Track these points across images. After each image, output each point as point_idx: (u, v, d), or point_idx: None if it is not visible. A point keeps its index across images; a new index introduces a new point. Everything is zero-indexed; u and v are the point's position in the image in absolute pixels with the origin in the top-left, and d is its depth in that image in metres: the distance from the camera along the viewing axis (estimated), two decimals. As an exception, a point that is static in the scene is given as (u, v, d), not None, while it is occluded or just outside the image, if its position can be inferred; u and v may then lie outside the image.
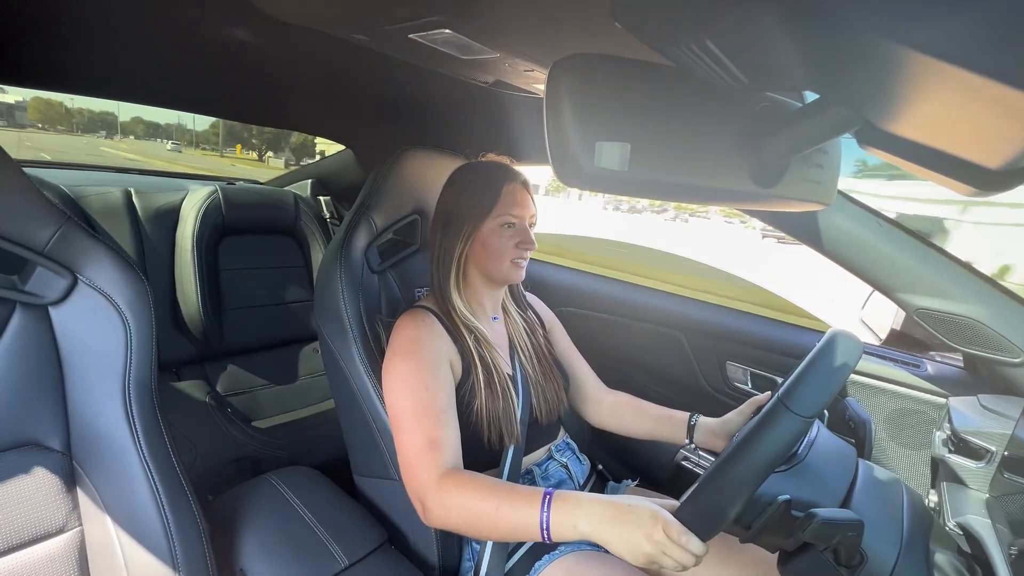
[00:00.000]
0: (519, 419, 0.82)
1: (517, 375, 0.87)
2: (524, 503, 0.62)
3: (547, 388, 0.89)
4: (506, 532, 0.63)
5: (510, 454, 0.80)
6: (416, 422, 0.72)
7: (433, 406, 0.73)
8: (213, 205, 1.48)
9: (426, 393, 0.74)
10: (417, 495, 0.69)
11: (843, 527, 0.50)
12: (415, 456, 0.70)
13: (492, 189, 0.83)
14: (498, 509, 0.62)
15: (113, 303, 0.63)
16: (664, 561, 0.55)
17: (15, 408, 0.60)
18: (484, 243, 0.83)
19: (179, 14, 0.76)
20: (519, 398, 0.84)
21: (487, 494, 0.64)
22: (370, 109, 1.28)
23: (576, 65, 0.31)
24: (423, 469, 0.68)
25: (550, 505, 0.60)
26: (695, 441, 0.89)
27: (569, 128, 0.30)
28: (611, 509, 0.58)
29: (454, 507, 0.65)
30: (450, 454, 0.70)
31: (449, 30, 0.58)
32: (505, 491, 0.64)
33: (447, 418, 0.74)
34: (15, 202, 0.57)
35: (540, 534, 0.60)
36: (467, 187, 0.85)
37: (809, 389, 0.52)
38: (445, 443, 0.71)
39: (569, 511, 0.59)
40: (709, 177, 0.34)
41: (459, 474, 0.68)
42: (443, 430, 0.72)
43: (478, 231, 0.83)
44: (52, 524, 0.61)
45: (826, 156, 0.41)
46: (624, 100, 0.32)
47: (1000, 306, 0.79)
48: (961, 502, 0.69)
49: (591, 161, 0.30)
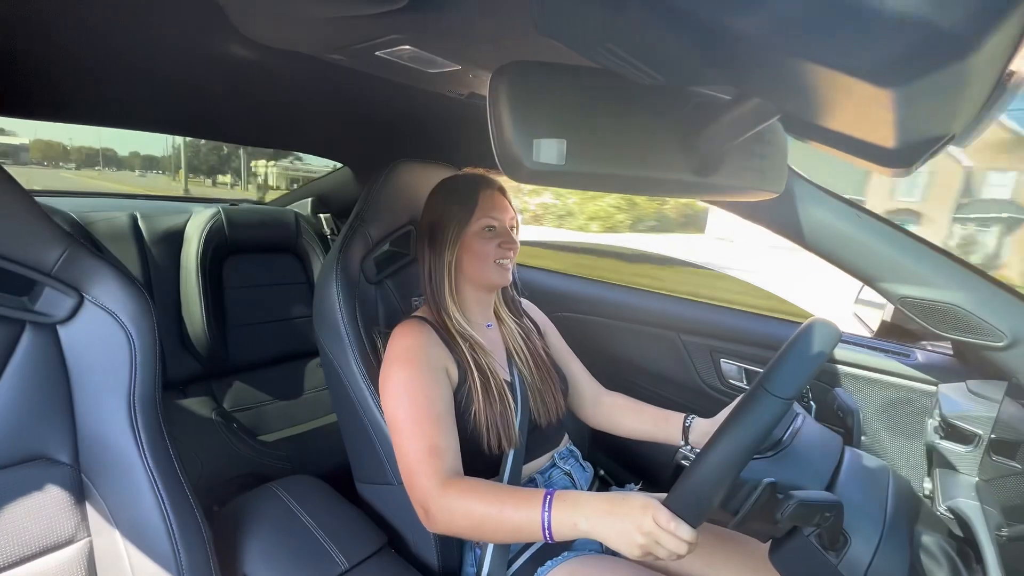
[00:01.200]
0: (518, 424, 0.83)
1: (515, 380, 0.88)
2: (525, 504, 0.63)
3: (545, 392, 0.90)
4: (509, 534, 0.65)
5: (510, 460, 0.81)
6: (416, 429, 0.73)
7: (432, 412, 0.74)
8: (216, 226, 1.52)
9: (425, 400, 0.75)
10: (420, 502, 0.70)
11: (821, 507, 0.51)
12: (417, 463, 0.71)
13: (470, 196, 0.86)
14: (500, 512, 0.64)
15: (118, 320, 0.66)
16: (657, 551, 0.56)
17: (26, 423, 0.62)
18: (468, 248, 0.86)
19: (175, 41, 0.80)
20: (517, 403, 0.85)
21: (489, 498, 0.65)
22: (365, 127, 1.33)
23: (514, 71, 0.34)
24: (425, 476, 0.70)
25: (551, 504, 0.62)
26: (690, 442, 0.89)
27: (509, 128, 0.33)
28: (606, 504, 0.60)
29: (457, 512, 0.67)
30: (451, 460, 0.72)
31: (409, 46, 0.62)
32: (506, 494, 0.65)
33: (446, 424, 0.75)
34: (25, 227, 0.61)
35: (542, 534, 0.61)
36: (447, 198, 0.88)
37: (786, 372, 0.54)
38: (445, 449, 0.72)
39: (569, 509, 0.61)
40: (647, 168, 0.37)
41: (461, 480, 0.69)
42: (443, 436, 0.73)
43: (463, 236, 0.86)
44: (61, 535, 0.63)
45: (769, 146, 0.43)
46: (560, 100, 0.35)
47: (981, 291, 0.80)
48: (952, 486, 0.70)
49: (531, 157, 0.33)
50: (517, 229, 0.91)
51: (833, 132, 0.31)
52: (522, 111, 0.33)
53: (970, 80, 0.21)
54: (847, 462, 0.64)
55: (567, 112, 0.35)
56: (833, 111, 0.28)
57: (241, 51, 0.81)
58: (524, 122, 0.33)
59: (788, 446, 0.63)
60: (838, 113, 0.28)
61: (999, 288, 0.81)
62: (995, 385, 0.77)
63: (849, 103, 0.25)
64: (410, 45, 0.63)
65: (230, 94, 1.07)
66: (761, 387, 0.53)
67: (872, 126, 0.27)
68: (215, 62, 0.87)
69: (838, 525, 0.53)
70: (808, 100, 0.28)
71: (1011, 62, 0.22)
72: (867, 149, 0.30)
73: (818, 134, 0.33)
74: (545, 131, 0.33)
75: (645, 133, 0.37)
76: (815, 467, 0.62)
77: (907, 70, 0.20)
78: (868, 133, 0.28)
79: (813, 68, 0.22)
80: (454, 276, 0.87)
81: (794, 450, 0.63)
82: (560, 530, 0.61)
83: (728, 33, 0.24)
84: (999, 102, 0.24)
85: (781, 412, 0.52)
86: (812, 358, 0.56)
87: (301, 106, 1.18)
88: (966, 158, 18.99)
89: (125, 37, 0.77)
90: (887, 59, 0.20)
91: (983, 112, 0.26)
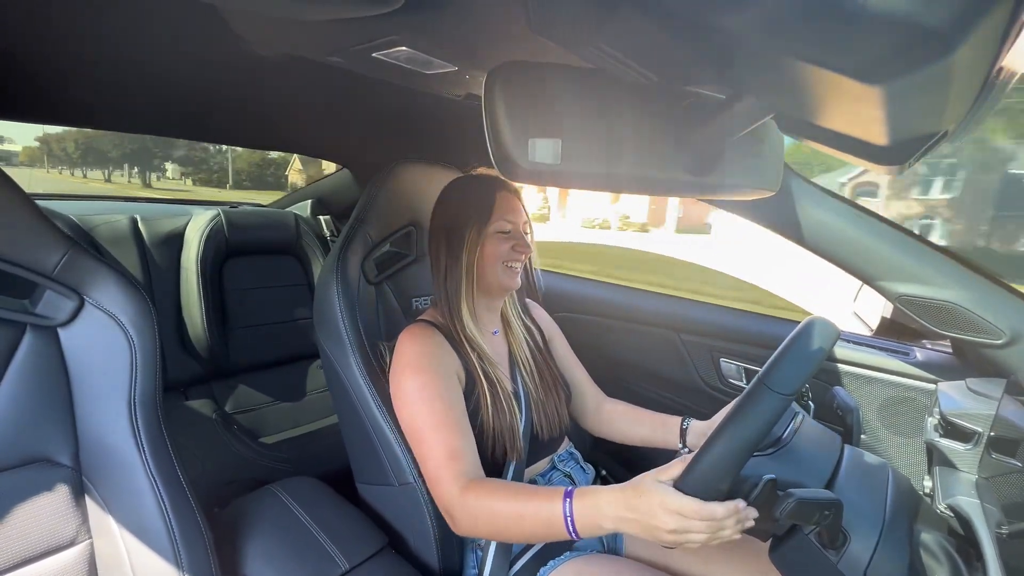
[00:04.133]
0: (521, 435, 0.82)
1: (519, 391, 0.87)
2: (547, 502, 0.63)
3: (547, 405, 0.89)
4: (534, 533, 0.65)
5: (511, 469, 0.81)
6: (435, 434, 0.73)
7: (450, 417, 0.74)
8: (216, 228, 1.53)
9: (441, 405, 0.75)
10: (445, 507, 0.71)
11: (821, 506, 0.51)
12: (439, 469, 0.71)
13: (487, 198, 0.84)
14: (523, 512, 0.64)
15: (118, 322, 0.66)
16: (692, 539, 0.55)
17: (27, 425, 0.63)
18: (481, 252, 0.84)
19: (173, 44, 0.81)
20: (522, 414, 0.84)
21: (510, 499, 0.65)
22: (363, 129, 1.33)
23: (509, 72, 0.34)
24: (448, 482, 0.70)
25: (571, 503, 0.62)
26: (687, 444, 0.88)
27: (504, 128, 0.33)
28: (624, 502, 0.59)
29: (481, 515, 0.67)
30: (470, 463, 0.72)
31: (406, 47, 0.62)
32: (527, 494, 0.66)
33: (463, 427, 0.75)
34: (26, 230, 0.61)
35: (566, 531, 0.61)
36: (462, 199, 0.86)
37: (786, 368, 0.54)
38: (465, 452, 0.72)
39: (590, 505, 0.61)
40: (642, 168, 0.37)
41: (481, 482, 0.69)
42: (461, 439, 0.73)
43: (480, 240, 0.84)
44: (63, 537, 0.63)
45: (763, 145, 0.43)
46: (555, 100, 0.35)
47: (979, 289, 0.80)
48: (952, 484, 0.69)
49: (527, 157, 0.33)
50: (531, 233, 0.89)
51: (826, 130, 0.31)
52: (518, 111, 0.34)
53: (957, 77, 0.21)
54: (847, 460, 0.64)
55: (562, 112, 0.35)
56: (825, 109, 0.28)
57: (239, 54, 0.82)
58: (520, 122, 0.33)
59: (788, 444, 0.63)
60: (830, 111, 0.28)
61: (998, 286, 0.81)
62: (994, 383, 0.77)
63: (839, 101, 0.25)
64: (406, 47, 0.63)
65: (229, 97, 1.08)
66: (761, 383, 0.53)
67: (864, 124, 0.27)
68: (214, 65, 0.87)
69: (838, 523, 0.53)
70: (800, 98, 0.28)
71: (1000, 58, 0.22)
72: (860, 146, 0.31)
73: (812, 132, 0.34)
74: (540, 131, 0.33)
75: (640, 132, 0.37)
76: (815, 465, 0.62)
77: (893, 67, 0.20)
78: (860, 130, 0.28)
79: (802, 66, 0.23)
80: (473, 279, 0.85)
81: (794, 448, 0.63)
82: (583, 523, 0.61)
83: (718, 32, 0.24)
84: (989, 98, 0.24)
85: (781, 408, 0.53)
86: (811, 355, 0.56)
87: (300, 108, 1.19)
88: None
89: (125, 41, 0.78)
90: (873, 56, 0.20)
91: (974, 108, 0.26)
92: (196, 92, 1.03)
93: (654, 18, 0.27)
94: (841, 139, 0.32)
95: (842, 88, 0.22)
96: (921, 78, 0.21)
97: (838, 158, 0.33)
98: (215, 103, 1.13)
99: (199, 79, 0.95)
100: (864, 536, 0.54)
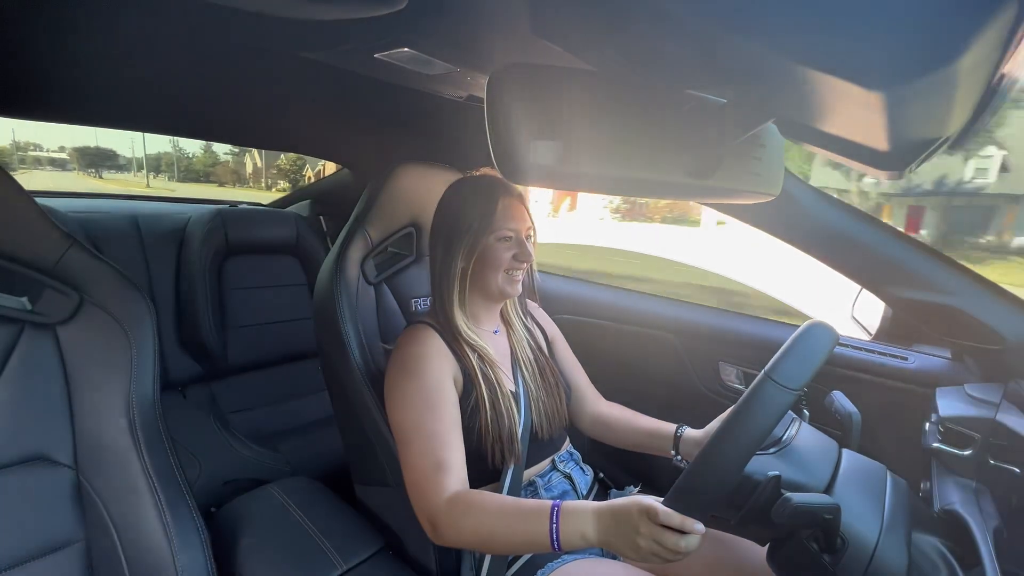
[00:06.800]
0: (520, 437, 0.82)
1: (520, 390, 0.87)
2: (534, 518, 0.63)
3: (548, 404, 0.89)
4: (518, 547, 0.65)
5: (510, 472, 0.81)
6: (423, 443, 0.72)
7: (439, 427, 0.74)
8: (216, 227, 1.52)
9: (431, 414, 0.74)
10: (427, 517, 0.70)
11: (819, 510, 0.51)
12: (423, 479, 0.71)
13: (489, 204, 0.83)
14: (509, 527, 0.64)
15: (117, 321, 0.66)
16: (660, 552, 0.55)
17: (24, 423, 0.62)
18: (482, 258, 0.83)
19: (174, 43, 0.81)
20: (520, 415, 0.84)
21: (497, 513, 0.65)
22: (364, 129, 1.33)
23: (511, 73, 0.35)
24: (432, 493, 0.69)
25: (558, 517, 0.62)
26: (680, 452, 0.87)
27: (507, 130, 0.33)
28: (608, 514, 0.60)
29: (465, 529, 0.66)
30: (457, 475, 0.71)
31: (408, 48, 0.62)
32: (513, 508, 0.65)
33: (453, 438, 0.74)
34: (25, 228, 0.61)
35: (551, 546, 0.61)
36: (465, 203, 0.85)
37: (792, 364, 0.54)
38: (452, 464, 0.71)
39: (576, 521, 0.61)
40: (643, 170, 0.37)
41: (467, 495, 0.69)
42: (449, 451, 0.72)
43: (479, 246, 0.83)
44: (59, 536, 0.63)
45: (764, 149, 0.43)
46: (556, 103, 0.35)
47: (979, 295, 0.81)
48: (950, 489, 0.70)
49: (528, 159, 0.33)
50: (534, 239, 0.88)
51: (828, 135, 0.31)
52: (519, 113, 0.34)
53: (959, 83, 0.21)
54: (845, 465, 0.64)
55: (564, 114, 0.35)
56: (826, 114, 0.28)
57: (242, 53, 0.82)
58: (521, 124, 0.34)
59: (788, 445, 0.63)
60: (831, 116, 0.28)
61: (996, 291, 0.81)
62: (993, 388, 0.77)
63: (841, 106, 0.25)
64: (409, 47, 0.63)
65: (229, 96, 1.08)
66: (767, 378, 0.53)
67: (865, 129, 0.27)
68: (216, 64, 0.87)
69: (835, 528, 0.53)
70: (801, 103, 0.28)
71: (1001, 65, 0.22)
72: (861, 151, 0.31)
73: (813, 137, 0.34)
74: (542, 133, 0.33)
75: (642, 135, 0.37)
76: (814, 468, 0.62)
77: (895, 73, 0.20)
78: (861, 136, 0.29)
79: (804, 71, 0.23)
80: (466, 283, 0.85)
81: (794, 449, 0.63)
82: (568, 540, 0.61)
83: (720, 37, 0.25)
84: (991, 105, 0.24)
85: (787, 403, 0.52)
86: (814, 355, 0.56)
87: (301, 108, 1.19)
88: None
89: (128, 39, 0.78)
90: (875, 63, 0.20)
91: (975, 115, 0.26)
92: (198, 91, 1.03)
93: (655, 23, 0.27)
94: (842, 144, 0.32)
95: (844, 93, 0.22)
96: (923, 84, 0.21)
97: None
98: (217, 102, 1.13)
99: (201, 78, 0.95)
100: (862, 541, 0.54)
